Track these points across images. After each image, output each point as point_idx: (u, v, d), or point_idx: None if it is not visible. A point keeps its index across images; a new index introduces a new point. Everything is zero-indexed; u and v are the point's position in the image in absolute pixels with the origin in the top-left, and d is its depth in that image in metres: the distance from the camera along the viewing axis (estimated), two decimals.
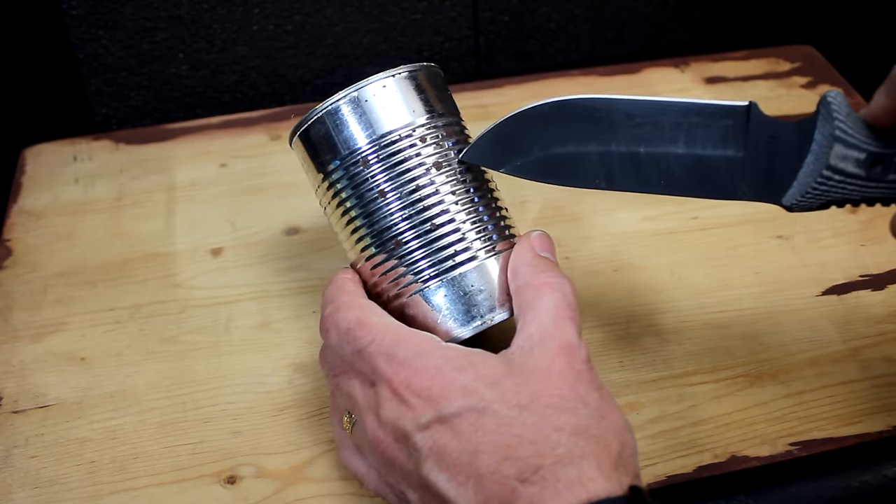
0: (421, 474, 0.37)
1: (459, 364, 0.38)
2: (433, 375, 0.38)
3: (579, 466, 0.35)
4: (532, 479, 0.35)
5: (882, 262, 0.57)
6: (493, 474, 0.36)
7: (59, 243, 0.60)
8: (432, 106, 0.44)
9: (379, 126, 0.43)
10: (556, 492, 0.34)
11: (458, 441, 0.36)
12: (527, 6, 0.76)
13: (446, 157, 0.43)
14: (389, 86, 0.43)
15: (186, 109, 0.75)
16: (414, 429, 0.37)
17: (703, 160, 0.42)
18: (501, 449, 0.36)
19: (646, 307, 0.54)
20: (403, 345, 0.39)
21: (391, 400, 0.38)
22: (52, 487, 0.46)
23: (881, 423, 0.47)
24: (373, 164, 0.43)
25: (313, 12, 0.72)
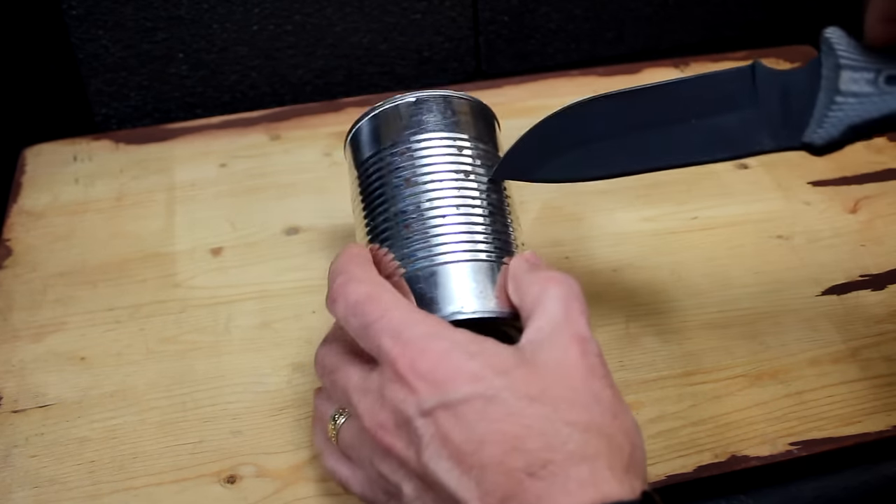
0: (421, 462, 0.35)
1: (469, 349, 0.37)
2: (441, 359, 0.36)
3: (592, 465, 0.33)
4: (541, 473, 0.34)
5: (882, 262, 0.57)
6: (498, 465, 0.34)
7: (59, 243, 0.60)
8: (478, 132, 0.46)
9: (423, 128, 0.45)
10: (566, 490, 0.33)
11: (463, 429, 0.35)
12: (527, 6, 0.76)
13: (475, 171, 0.45)
14: (444, 101, 0.46)
15: (186, 109, 0.75)
16: (416, 413, 0.36)
17: (721, 123, 0.41)
18: (509, 439, 0.34)
19: (646, 307, 0.54)
20: (412, 325, 0.38)
21: (394, 381, 0.37)
22: (51, 487, 0.46)
23: (881, 423, 0.47)
24: (406, 156, 0.45)
25: (313, 12, 0.73)
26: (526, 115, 0.69)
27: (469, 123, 0.46)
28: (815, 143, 0.38)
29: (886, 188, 0.63)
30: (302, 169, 0.66)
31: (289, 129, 0.70)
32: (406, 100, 0.46)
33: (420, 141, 0.45)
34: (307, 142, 0.68)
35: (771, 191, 0.63)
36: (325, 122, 0.70)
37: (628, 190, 0.63)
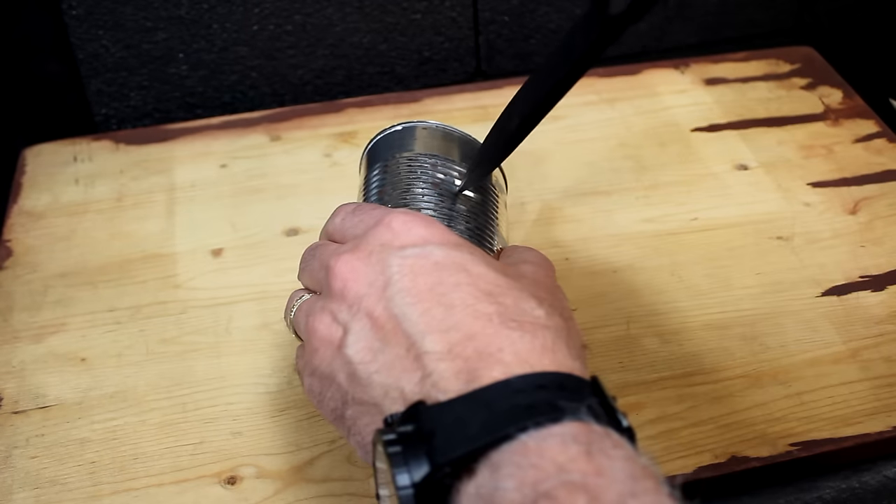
0: (385, 294, 0.34)
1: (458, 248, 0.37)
2: (431, 225, 0.37)
3: (554, 336, 0.33)
4: (509, 324, 0.33)
5: (882, 263, 0.57)
6: (467, 307, 0.33)
7: (59, 244, 0.60)
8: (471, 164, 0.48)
9: (429, 148, 0.48)
10: (531, 347, 0.32)
11: (435, 274, 0.34)
12: (527, 6, 0.76)
13: (453, 191, 0.46)
14: (448, 132, 0.49)
15: (187, 109, 0.75)
16: (394, 250, 0.35)
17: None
18: (481, 291, 0.34)
19: (646, 308, 0.54)
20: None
21: (380, 227, 0.37)
22: (52, 488, 0.46)
23: (881, 423, 0.48)
24: (403, 166, 0.46)
25: (313, 12, 0.72)
26: None
27: (462, 154, 0.48)
28: (619, 11, 0.35)
29: (886, 189, 0.63)
30: (302, 169, 0.66)
31: (289, 130, 0.70)
32: (423, 123, 0.49)
33: (423, 155, 0.47)
34: (307, 142, 0.68)
35: (771, 192, 0.63)
36: (325, 122, 0.70)
37: (628, 191, 0.63)
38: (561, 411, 0.29)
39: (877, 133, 0.68)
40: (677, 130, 0.69)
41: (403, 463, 0.30)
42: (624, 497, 0.27)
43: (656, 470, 0.29)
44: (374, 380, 0.34)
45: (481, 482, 0.29)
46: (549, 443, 0.28)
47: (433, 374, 0.32)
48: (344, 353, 0.35)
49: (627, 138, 0.68)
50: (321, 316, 0.37)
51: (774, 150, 0.67)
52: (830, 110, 0.70)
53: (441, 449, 0.29)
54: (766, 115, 0.70)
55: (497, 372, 0.31)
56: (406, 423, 0.31)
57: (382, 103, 0.72)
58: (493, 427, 0.29)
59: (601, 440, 0.29)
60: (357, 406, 0.35)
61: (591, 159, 0.66)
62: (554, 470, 0.28)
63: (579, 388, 0.31)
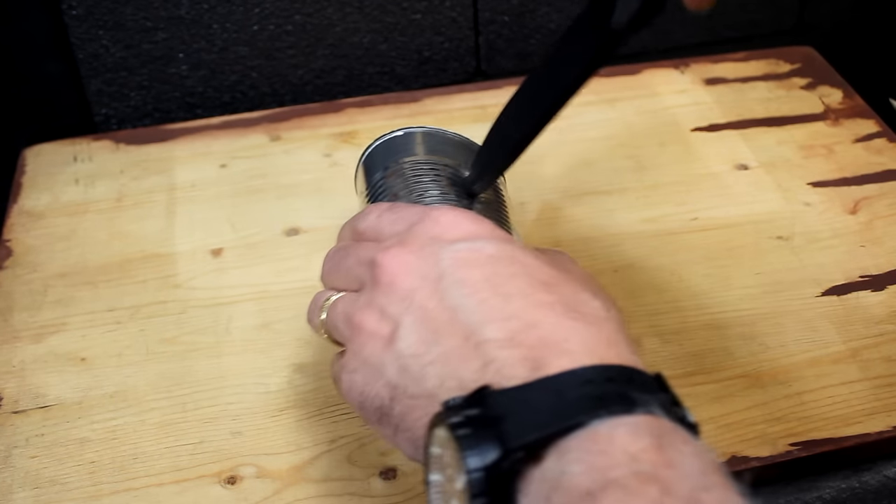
0: (439, 287, 0.34)
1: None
2: (477, 221, 0.36)
3: (616, 328, 0.33)
4: (571, 314, 0.32)
5: (882, 263, 0.57)
6: (525, 297, 0.33)
7: (59, 243, 0.60)
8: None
9: (424, 152, 0.48)
10: (600, 339, 0.32)
11: (490, 267, 0.34)
12: (527, 6, 0.76)
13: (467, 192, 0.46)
14: (448, 136, 0.49)
15: (187, 109, 0.75)
16: (445, 245, 0.35)
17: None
18: (537, 283, 0.33)
19: (646, 308, 0.54)
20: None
21: (427, 222, 0.36)
22: (52, 487, 0.46)
23: (881, 423, 0.48)
24: (409, 170, 0.46)
25: (313, 12, 0.72)
26: None
27: (455, 154, 0.48)
28: (621, 24, 0.37)
29: (886, 189, 0.63)
30: (302, 169, 0.66)
31: (289, 130, 0.70)
32: (418, 128, 0.49)
33: (409, 162, 0.47)
34: (307, 142, 0.68)
35: (771, 191, 0.63)
36: (325, 122, 0.70)
37: (628, 191, 0.63)
38: (633, 403, 0.29)
39: (877, 133, 0.68)
40: (677, 130, 0.69)
41: (474, 445, 0.29)
42: (696, 491, 0.27)
43: (723, 466, 0.29)
44: (429, 371, 0.33)
45: (548, 467, 0.28)
46: (620, 431, 0.28)
47: (496, 360, 0.31)
48: (395, 348, 0.34)
49: (627, 138, 0.68)
50: (368, 311, 0.36)
51: (774, 149, 0.67)
52: (830, 110, 0.70)
53: (512, 433, 0.29)
54: (766, 114, 0.70)
55: (565, 361, 0.31)
56: (471, 407, 0.30)
57: (382, 103, 0.72)
58: (565, 414, 0.29)
59: (671, 434, 0.29)
60: (408, 400, 0.34)
61: (591, 159, 0.66)
62: (625, 459, 0.27)
63: (647, 382, 0.31)
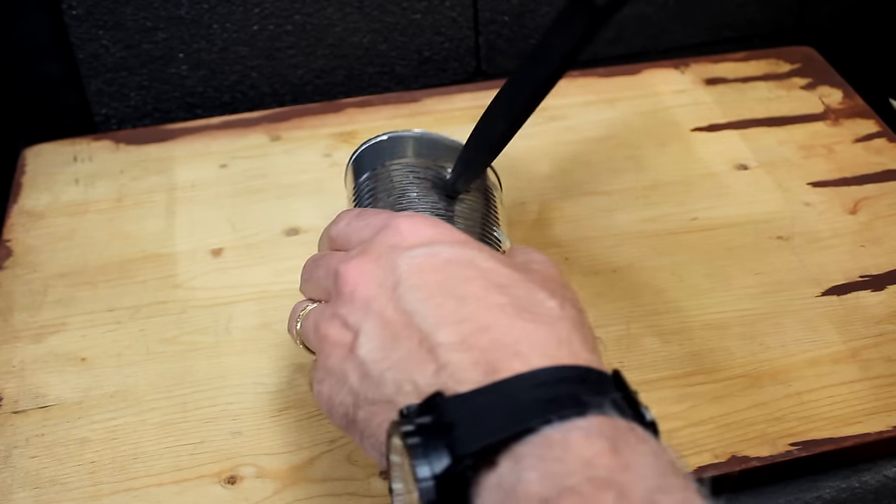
0: (395, 293, 0.34)
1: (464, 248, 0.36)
2: (436, 226, 0.37)
3: (570, 328, 0.33)
4: (524, 315, 0.32)
5: (882, 263, 0.57)
6: (479, 300, 0.33)
7: (59, 243, 0.60)
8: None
9: (414, 154, 0.48)
10: (546, 341, 0.32)
11: (444, 270, 0.34)
12: (527, 6, 0.76)
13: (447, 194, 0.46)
14: (434, 139, 0.49)
15: (187, 109, 0.75)
16: (402, 251, 0.35)
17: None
18: (491, 286, 0.33)
19: (646, 307, 0.54)
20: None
21: (388, 230, 0.37)
22: (52, 487, 0.46)
23: (881, 423, 0.48)
24: (394, 173, 0.47)
25: (313, 12, 0.72)
26: None
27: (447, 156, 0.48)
28: (597, 3, 0.36)
29: (886, 189, 0.63)
30: (302, 169, 0.66)
31: (289, 130, 0.70)
32: (411, 132, 0.49)
33: (411, 161, 0.47)
34: (307, 142, 0.68)
35: (771, 191, 0.63)
36: (325, 122, 0.70)
37: (628, 191, 0.63)
38: (585, 405, 0.29)
39: (877, 133, 0.68)
40: (677, 130, 0.69)
41: (423, 455, 0.29)
42: (652, 493, 0.26)
43: (683, 465, 0.28)
44: (387, 377, 0.33)
45: (503, 473, 0.28)
46: (574, 436, 0.28)
47: (448, 365, 0.31)
48: (356, 355, 0.34)
49: (627, 138, 0.68)
50: (331, 322, 0.36)
51: (774, 149, 0.67)
52: (830, 110, 0.70)
53: (463, 440, 0.29)
54: (766, 114, 0.70)
55: (517, 364, 0.31)
56: (424, 415, 0.30)
57: (382, 103, 0.72)
58: (517, 419, 0.29)
59: (626, 435, 0.29)
60: (369, 406, 0.34)
61: (591, 159, 0.66)
62: (579, 465, 0.27)
63: (601, 381, 0.31)
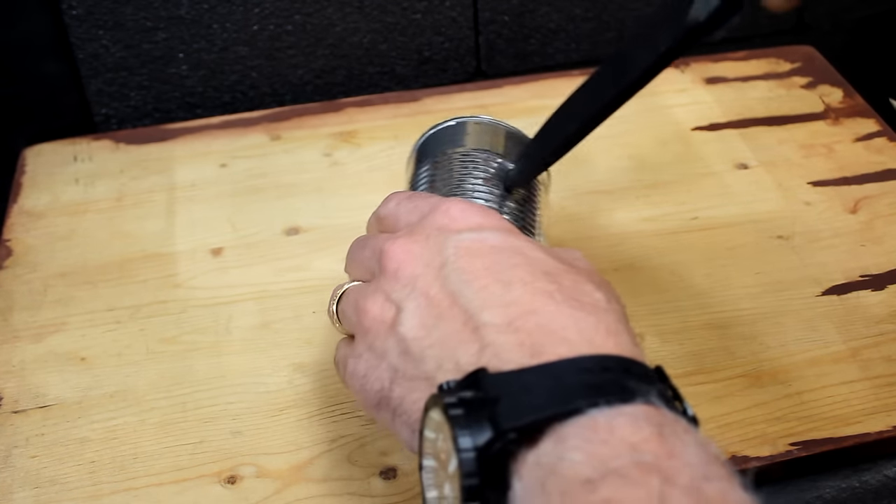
0: (441, 273, 0.34)
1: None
2: (486, 212, 0.37)
3: (616, 319, 0.33)
4: (571, 303, 0.32)
5: (882, 262, 0.57)
6: (525, 284, 0.33)
7: (59, 243, 0.60)
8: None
9: (472, 142, 0.48)
10: (595, 328, 0.32)
11: (493, 257, 0.34)
12: (527, 6, 0.76)
13: (503, 187, 0.46)
14: (498, 127, 0.49)
15: (187, 109, 0.75)
16: (451, 235, 0.36)
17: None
18: (538, 273, 0.34)
19: (646, 307, 0.54)
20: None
21: (440, 214, 0.37)
22: (52, 487, 0.46)
23: (881, 423, 0.47)
24: (454, 163, 0.47)
25: (313, 12, 0.72)
26: (526, 115, 0.69)
27: (509, 147, 0.48)
28: (699, 19, 0.36)
29: (886, 188, 0.63)
30: (302, 169, 0.66)
31: (289, 129, 0.70)
32: (476, 118, 0.50)
33: (468, 150, 0.47)
34: (307, 142, 0.68)
35: (771, 191, 0.63)
36: (325, 122, 0.70)
37: (629, 190, 0.63)
38: (632, 392, 0.29)
39: (877, 132, 0.68)
40: (677, 129, 0.69)
41: (466, 426, 0.29)
42: (697, 481, 0.26)
43: (724, 457, 0.28)
44: (428, 354, 0.33)
45: (543, 452, 0.28)
46: (620, 421, 0.28)
47: (493, 344, 0.31)
48: (397, 331, 0.34)
49: (627, 137, 0.68)
50: (374, 297, 0.36)
51: (775, 149, 0.67)
52: (831, 109, 0.70)
53: (506, 415, 0.29)
54: (766, 114, 0.70)
55: (563, 349, 0.31)
56: (465, 389, 0.30)
57: (383, 103, 0.72)
58: (562, 399, 0.28)
59: (673, 424, 0.29)
60: (407, 382, 0.34)
61: (591, 158, 0.66)
62: (625, 448, 0.27)
63: (646, 373, 0.31)
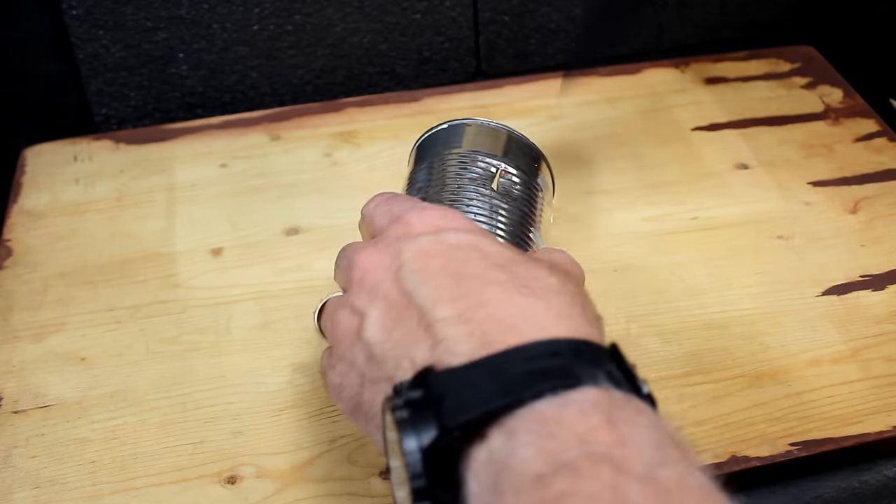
0: (398, 276, 0.35)
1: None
2: (446, 214, 0.38)
3: (570, 302, 0.33)
4: (522, 290, 0.33)
5: (882, 262, 0.57)
6: (477, 277, 0.34)
7: (59, 243, 0.60)
8: (517, 162, 0.48)
9: (470, 145, 0.48)
10: (546, 312, 0.32)
11: (448, 255, 0.35)
12: (527, 6, 0.76)
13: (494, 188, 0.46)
14: (496, 128, 0.49)
15: (187, 109, 0.75)
16: (409, 239, 0.36)
17: None
18: (491, 265, 0.34)
19: (646, 307, 0.54)
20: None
21: (400, 225, 0.38)
22: (52, 487, 0.46)
23: (881, 423, 0.48)
24: (449, 164, 0.47)
25: (313, 12, 0.72)
26: (526, 115, 0.69)
27: (505, 149, 0.48)
28: None
29: (886, 188, 0.63)
30: (302, 169, 0.66)
31: (289, 129, 0.70)
32: (476, 120, 0.50)
33: (466, 152, 0.47)
34: (307, 142, 0.68)
35: (771, 191, 0.63)
36: (325, 122, 0.70)
37: (629, 190, 0.63)
38: (577, 378, 0.29)
39: (877, 132, 0.68)
40: (678, 129, 0.69)
41: (411, 427, 0.29)
42: (651, 467, 0.26)
43: (681, 437, 0.28)
44: (388, 355, 0.34)
45: (495, 447, 0.28)
46: (568, 411, 0.28)
47: (445, 339, 0.32)
48: (362, 338, 0.35)
49: (628, 137, 0.68)
50: (342, 309, 0.37)
51: (775, 149, 0.67)
52: (831, 109, 0.70)
53: (450, 412, 0.29)
54: (766, 114, 0.70)
55: (511, 338, 0.31)
56: (414, 389, 0.30)
57: (383, 103, 0.72)
58: (506, 391, 0.28)
59: (623, 407, 0.28)
60: (373, 386, 0.34)
61: (591, 158, 0.66)
62: (575, 440, 0.27)
63: (597, 354, 0.31)
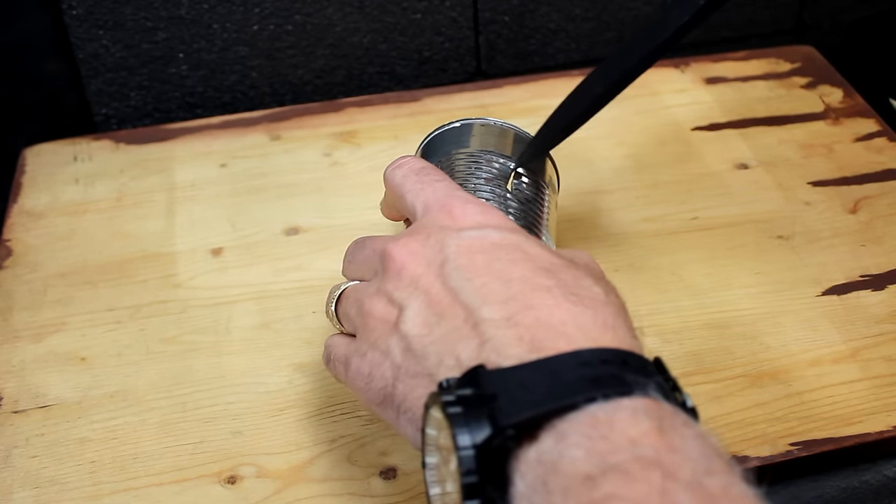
0: (442, 272, 0.35)
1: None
2: (489, 210, 0.37)
3: (615, 313, 0.33)
4: (570, 297, 0.32)
5: (882, 262, 0.57)
6: (525, 280, 0.33)
7: (59, 243, 0.60)
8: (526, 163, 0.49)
9: (480, 144, 0.49)
10: (593, 322, 0.32)
11: (493, 254, 0.35)
12: (527, 6, 0.76)
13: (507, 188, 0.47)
14: (505, 129, 0.51)
15: (187, 109, 0.75)
16: (452, 231, 0.36)
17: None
18: (538, 269, 0.34)
19: (646, 307, 0.54)
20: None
21: (440, 211, 0.37)
22: (52, 487, 0.46)
23: (881, 423, 0.48)
24: (459, 163, 0.48)
25: (313, 12, 0.72)
26: (526, 115, 0.69)
27: (515, 151, 0.49)
28: None
29: (886, 188, 0.63)
30: (302, 169, 0.66)
31: (289, 129, 0.70)
32: (482, 119, 0.51)
33: (475, 152, 0.48)
34: (307, 142, 0.68)
35: (771, 191, 0.63)
36: (325, 122, 0.70)
37: (628, 190, 0.63)
38: (629, 385, 0.29)
39: (877, 132, 0.68)
40: (677, 129, 0.69)
41: (465, 424, 0.29)
42: (699, 475, 0.26)
43: (725, 450, 0.28)
44: (429, 350, 0.33)
45: (544, 449, 0.28)
46: (620, 416, 0.28)
47: (492, 339, 0.32)
48: (400, 330, 0.35)
49: (627, 137, 0.68)
50: (377, 298, 0.37)
51: (775, 149, 0.67)
52: (831, 109, 0.70)
53: (505, 411, 0.29)
54: (766, 114, 0.70)
55: (562, 343, 0.31)
56: (464, 387, 0.30)
57: (383, 103, 0.72)
58: (560, 394, 0.29)
59: (671, 417, 0.29)
60: (409, 380, 0.34)
61: (591, 158, 0.66)
62: (625, 443, 0.27)
63: (644, 365, 0.31)
